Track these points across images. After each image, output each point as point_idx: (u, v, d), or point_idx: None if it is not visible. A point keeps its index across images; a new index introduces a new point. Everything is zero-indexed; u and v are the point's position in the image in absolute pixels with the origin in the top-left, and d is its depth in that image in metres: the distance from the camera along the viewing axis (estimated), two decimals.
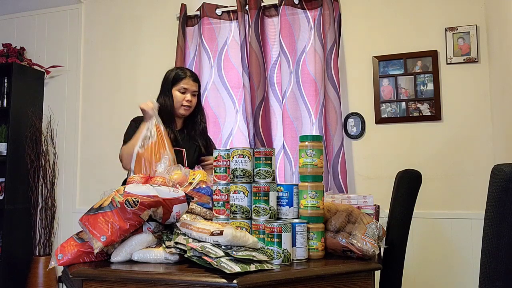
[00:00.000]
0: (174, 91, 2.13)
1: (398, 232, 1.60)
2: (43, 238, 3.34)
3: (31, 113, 3.40)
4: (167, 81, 2.16)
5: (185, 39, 3.19)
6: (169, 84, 2.15)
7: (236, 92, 3.09)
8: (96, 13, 3.55)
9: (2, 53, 3.44)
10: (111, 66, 3.47)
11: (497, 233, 0.88)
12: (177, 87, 2.13)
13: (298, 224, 1.24)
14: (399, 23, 2.84)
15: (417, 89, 2.76)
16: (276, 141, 2.98)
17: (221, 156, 1.40)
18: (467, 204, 2.63)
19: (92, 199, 3.25)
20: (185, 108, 2.15)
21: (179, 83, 2.13)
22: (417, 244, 2.68)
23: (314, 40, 2.92)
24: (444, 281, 2.63)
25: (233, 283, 1.01)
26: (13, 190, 3.25)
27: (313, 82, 2.91)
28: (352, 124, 2.88)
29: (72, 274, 1.17)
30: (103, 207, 1.25)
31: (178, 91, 2.13)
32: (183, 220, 1.31)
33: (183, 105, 2.13)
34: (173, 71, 2.19)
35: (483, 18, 2.68)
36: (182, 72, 2.16)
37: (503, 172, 0.86)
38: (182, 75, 2.15)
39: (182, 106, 2.14)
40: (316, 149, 1.33)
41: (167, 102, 2.12)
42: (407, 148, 2.77)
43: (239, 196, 1.31)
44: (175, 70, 2.19)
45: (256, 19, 2.95)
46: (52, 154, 3.48)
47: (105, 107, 3.45)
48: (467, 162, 2.65)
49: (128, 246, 1.24)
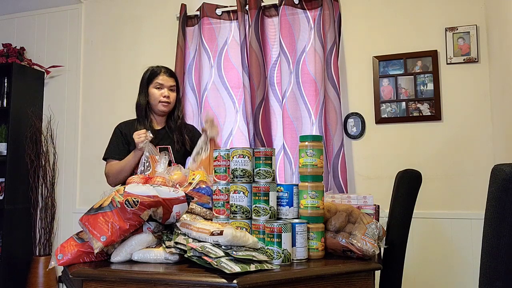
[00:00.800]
0: (151, 88, 2.14)
1: (398, 232, 1.60)
2: (43, 238, 3.34)
3: (31, 113, 3.40)
4: (143, 81, 2.17)
5: (185, 39, 3.19)
6: (144, 83, 2.16)
7: (236, 92, 3.09)
8: (96, 13, 3.55)
9: (2, 53, 3.44)
10: (111, 66, 3.47)
11: (497, 233, 0.88)
12: (153, 84, 2.14)
13: (298, 224, 1.24)
14: (399, 23, 2.84)
15: (417, 89, 2.76)
16: (276, 141, 2.98)
17: (221, 156, 1.40)
18: (467, 204, 2.63)
19: (92, 199, 3.24)
20: (163, 104, 2.14)
21: (154, 79, 2.14)
22: (417, 244, 2.68)
23: (314, 40, 2.92)
24: (444, 281, 2.63)
25: (233, 283, 1.01)
26: (13, 190, 3.25)
27: (313, 82, 2.91)
28: (352, 124, 2.88)
29: (72, 274, 1.17)
30: (103, 207, 1.25)
31: (154, 88, 2.14)
32: (183, 220, 1.31)
33: (161, 101, 2.13)
34: (148, 70, 2.19)
35: (483, 18, 2.68)
36: (157, 69, 2.17)
37: (503, 172, 0.86)
38: (156, 71, 2.16)
39: (160, 103, 2.13)
40: (316, 149, 1.33)
41: (142, 101, 2.14)
42: (407, 148, 2.77)
43: (239, 196, 1.31)
44: (149, 69, 2.20)
45: (256, 19, 2.95)
46: (52, 154, 3.48)
47: (105, 107, 3.45)
48: (467, 162, 2.65)
49: (128, 246, 1.24)
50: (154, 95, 2.13)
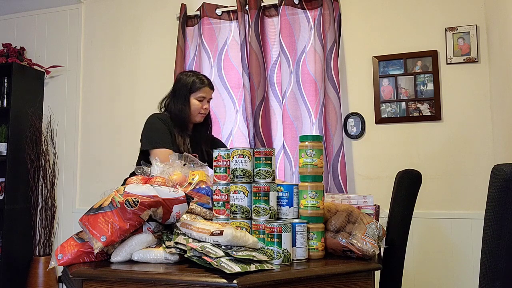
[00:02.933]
0: (192, 99, 2.09)
1: (398, 232, 1.60)
2: (43, 238, 3.34)
3: (31, 113, 3.40)
4: (185, 88, 2.10)
5: (185, 39, 3.19)
6: (186, 91, 2.09)
7: (236, 92, 3.09)
8: (96, 13, 3.55)
9: (2, 53, 3.44)
10: (111, 66, 3.47)
11: (497, 233, 0.88)
12: (196, 95, 2.09)
13: (298, 224, 1.24)
14: (399, 23, 2.84)
15: (417, 89, 2.76)
16: (276, 141, 2.98)
17: (221, 156, 1.40)
18: (467, 204, 2.63)
19: (92, 199, 3.26)
20: (202, 116, 2.14)
21: (198, 91, 2.09)
22: (417, 244, 2.68)
23: (314, 40, 2.92)
24: (444, 281, 2.63)
25: (233, 283, 1.01)
26: (13, 190, 3.25)
27: (313, 82, 2.91)
28: (352, 124, 2.88)
29: (72, 274, 1.17)
30: (103, 207, 1.25)
31: (197, 100, 2.09)
32: (183, 220, 1.31)
33: (200, 113, 2.12)
34: (189, 78, 2.12)
35: (483, 18, 2.68)
36: (201, 81, 2.11)
37: (503, 172, 0.86)
38: (201, 85, 2.10)
39: (199, 114, 2.12)
40: (316, 149, 1.33)
41: (184, 110, 2.08)
42: (407, 148, 2.77)
43: (239, 196, 1.31)
44: (192, 77, 2.12)
45: (256, 19, 2.95)
46: (52, 154, 3.48)
47: (105, 107, 3.45)
48: (467, 162, 2.65)
49: (128, 246, 1.24)
50: (195, 105, 2.09)
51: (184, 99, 2.09)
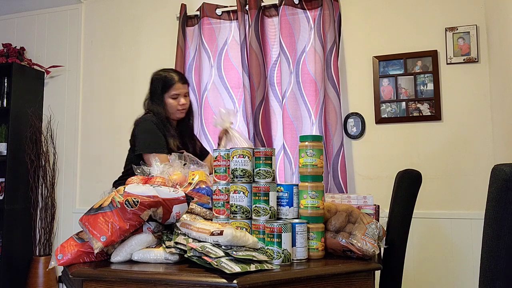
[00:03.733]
0: (167, 98, 2.09)
1: (398, 232, 1.60)
2: (43, 238, 3.34)
3: (31, 113, 3.40)
4: (156, 89, 2.09)
5: (185, 39, 3.19)
6: (159, 92, 2.09)
7: (236, 92, 3.09)
8: (96, 13, 3.55)
9: (2, 53, 3.44)
10: (111, 66, 3.47)
11: (497, 233, 0.88)
12: (169, 94, 2.08)
13: (298, 224, 1.24)
14: (399, 23, 2.84)
15: (417, 89, 2.76)
16: (276, 141, 2.98)
17: (221, 156, 1.40)
18: (467, 204, 2.63)
19: (92, 199, 3.26)
20: (181, 112, 2.13)
21: (170, 90, 2.08)
22: (417, 244, 2.68)
23: (314, 40, 2.92)
24: (444, 281, 2.63)
25: (233, 283, 1.01)
26: (13, 190, 3.25)
27: (313, 82, 2.91)
28: (352, 124, 2.88)
29: (72, 274, 1.17)
30: (103, 207, 1.25)
31: (171, 98, 2.08)
32: (183, 220, 1.31)
33: (178, 110, 2.11)
34: (160, 77, 2.11)
35: (483, 18, 2.68)
36: (170, 78, 2.09)
37: (503, 172, 0.86)
38: (171, 81, 2.08)
39: (177, 111, 2.12)
40: (316, 149, 1.33)
41: (161, 111, 2.07)
42: (407, 148, 2.77)
43: (239, 196, 1.31)
44: (162, 76, 2.11)
45: (256, 19, 2.95)
46: (52, 154, 3.48)
47: (105, 107, 3.45)
48: (467, 162, 2.65)
49: (128, 246, 1.24)
50: (171, 105, 2.09)
51: (159, 99, 2.08)
